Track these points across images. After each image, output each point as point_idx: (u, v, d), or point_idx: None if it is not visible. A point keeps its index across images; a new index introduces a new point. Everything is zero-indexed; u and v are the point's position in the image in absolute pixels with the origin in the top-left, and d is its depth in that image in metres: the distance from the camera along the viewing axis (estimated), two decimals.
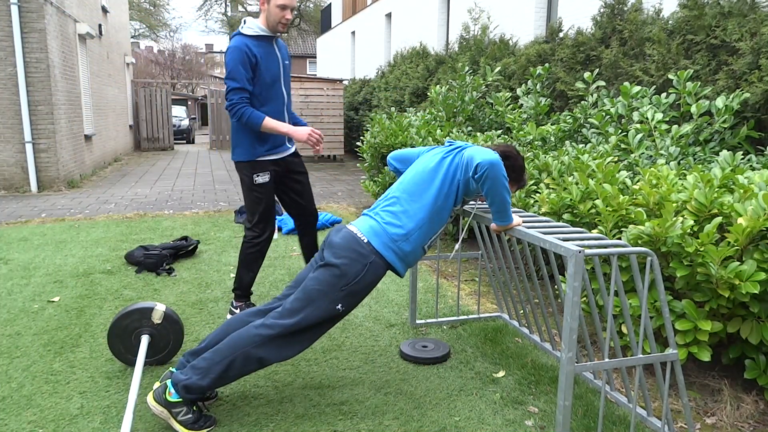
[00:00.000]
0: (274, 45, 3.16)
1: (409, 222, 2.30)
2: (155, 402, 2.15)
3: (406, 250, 2.29)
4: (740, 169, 2.63)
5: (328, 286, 2.18)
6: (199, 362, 2.16)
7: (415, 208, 2.32)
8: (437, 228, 2.37)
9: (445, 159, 2.38)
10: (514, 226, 2.38)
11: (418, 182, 2.37)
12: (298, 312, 2.18)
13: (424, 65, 9.41)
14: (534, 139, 4.63)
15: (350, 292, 2.20)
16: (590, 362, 2.04)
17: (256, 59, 3.03)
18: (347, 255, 2.19)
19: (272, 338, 2.17)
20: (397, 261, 2.29)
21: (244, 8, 26.49)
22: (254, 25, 3.07)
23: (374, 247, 2.24)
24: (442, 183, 2.33)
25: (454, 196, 2.36)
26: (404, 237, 2.28)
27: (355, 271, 2.19)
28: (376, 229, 2.29)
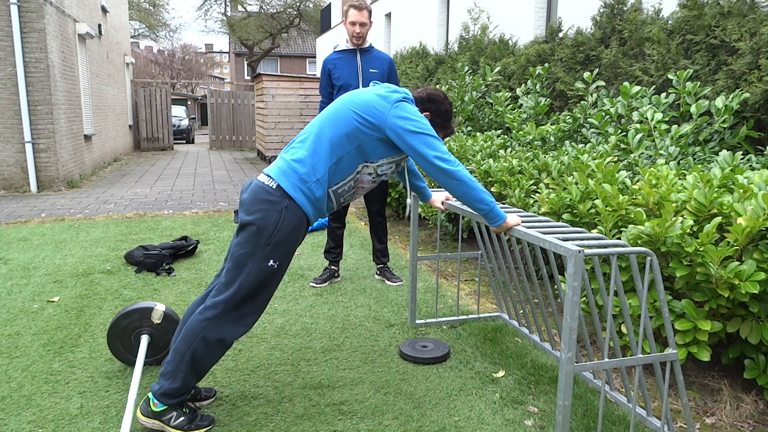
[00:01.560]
0: (356, 56, 3.86)
1: (318, 162, 2.16)
2: (144, 417, 2.14)
3: (317, 194, 2.16)
4: (740, 169, 2.63)
5: (252, 246, 2.08)
6: (165, 367, 2.13)
7: (325, 146, 2.17)
8: (345, 174, 2.21)
9: (370, 103, 2.21)
10: (514, 226, 2.37)
11: (333, 119, 2.22)
12: (233, 282, 2.09)
13: (423, 65, 9.41)
14: (534, 139, 4.63)
15: (276, 244, 2.09)
16: (590, 362, 2.04)
17: (330, 70, 3.87)
18: (259, 208, 2.09)
19: (219, 317, 2.10)
20: (307, 203, 2.15)
21: (244, 8, 26.47)
22: (342, 43, 3.90)
23: (284, 189, 2.11)
24: (360, 127, 2.19)
25: (369, 147, 2.21)
26: (314, 178, 2.14)
27: (273, 221, 2.08)
28: (284, 169, 2.16)
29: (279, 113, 11.65)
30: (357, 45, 3.84)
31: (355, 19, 3.73)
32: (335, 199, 2.26)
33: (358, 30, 3.75)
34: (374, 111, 2.20)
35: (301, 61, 36.83)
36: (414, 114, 2.22)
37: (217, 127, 17.05)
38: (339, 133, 2.19)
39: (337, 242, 4.08)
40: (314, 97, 11.76)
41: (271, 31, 26.38)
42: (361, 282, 4.10)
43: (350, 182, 2.26)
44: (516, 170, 3.89)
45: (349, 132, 2.19)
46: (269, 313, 3.46)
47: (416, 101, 2.42)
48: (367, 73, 3.86)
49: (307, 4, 25.58)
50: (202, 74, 48.01)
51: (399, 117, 2.19)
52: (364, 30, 3.80)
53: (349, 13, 3.77)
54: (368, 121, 2.19)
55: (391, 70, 3.94)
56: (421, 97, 2.43)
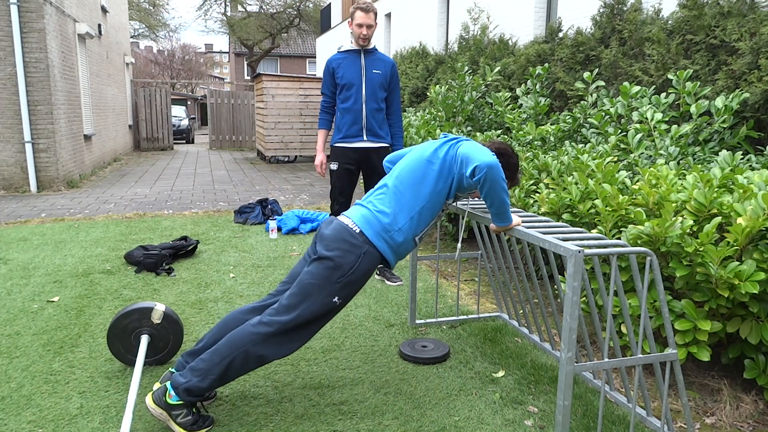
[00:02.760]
0: (360, 56, 3.89)
1: (400, 212, 2.28)
2: (154, 404, 2.15)
3: (398, 240, 2.27)
4: (740, 169, 2.63)
5: (323, 280, 2.16)
6: (198, 364, 2.15)
7: (407, 198, 2.29)
8: (428, 220, 2.34)
9: (440, 149, 2.35)
10: (514, 226, 2.38)
11: (410, 171, 2.34)
12: (294, 308, 2.16)
13: (423, 65, 9.41)
14: (533, 139, 4.63)
15: (346, 284, 2.18)
16: (590, 362, 2.04)
17: (333, 69, 3.92)
18: (340, 246, 2.17)
19: (270, 336, 2.15)
20: (389, 251, 2.27)
21: (244, 8, 26.47)
22: (347, 44, 3.93)
23: (366, 236, 2.22)
24: (437, 174, 2.30)
25: (448, 189, 2.33)
26: (396, 227, 2.26)
27: (350, 262, 2.17)
28: (368, 217, 2.26)
29: (279, 113, 11.65)
30: (362, 46, 3.88)
31: (362, 21, 3.78)
32: (418, 242, 2.39)
33: (365, 32, 3.80)
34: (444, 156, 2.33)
35: (301, 61, 36.82)
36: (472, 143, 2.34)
37: (217, 127, 17.05)
38: (417, 184, 2.31)
39: None
40: (314, 97, 11.76)
41: (271, 31, 26.38)
42: None
43: (432, 224, 2.40)
44: None
45: (427, 182, 2.31)
46: None
47: None
48: (371, 74, 3.89)
49: (307, 4, 25.57)
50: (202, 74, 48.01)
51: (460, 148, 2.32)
52: (371, 32, 3.84)
53: (356, 15, 3.79)
54: (439, 166, 2.31)
55: (393, 73, 3.97)
56: (488, 148, 2.50)
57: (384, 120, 4.03)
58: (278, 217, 5.88)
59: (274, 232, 5.42)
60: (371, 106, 3.92)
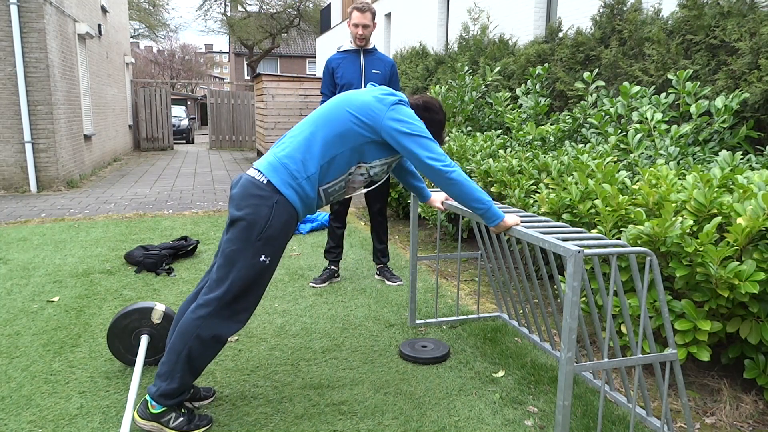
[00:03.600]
0: (359, 56, 3.90)
1: (311, 159, 2.15)
2: (142, 419, 2.14)
3: (307, 190, 2.15)
4: (739, 169, 2.63)
5: (242, 242, 2.06)
6: (161, 368, 2.12)
7: (318, 144, 2.17)
8: (337, 174, 2.22)
9: (367, 104, 2.21)
10: (513, 226, 2.37)
11: (329, 119, 2.21)
12: (224, 279, 2.08)
13: (423, 65, 9.41)
14: (533, 139, 4.63)
15: (267, 239, 2.08)
16: (589, 362, 2.04)
17: (333, 69, 3.91)
18: (249, 203, 2.07)
19: (213, 314, 2.08)
20: (298, 200, 2.15)
21: (244, 8, 26.47)
22: (346, 44, 3.93)
23: (274, 185, 2.10)
24: (358, 129, 2.19)
25: (363, 149, 2.22)
26: (305, 174, 2.14)
27: (263, 216, 2.07)
28: (274, 165, 2.14)
29: (279, 113, 11.65)
30: (360, 46, 3.89)
31: (358, 21, 3.80)
32: (324, 198, 2.26)
33: (361, 32, 3.82)
34: (370, 113, 2.20)
35: (301, 61, 36.82)
36: (409, 116, 2.23)
37: (217, 127, 17.05)
38: (333, 132, 2.19)
39: (337, 242, 4.08)
40: (314, 97, 11.76)
41: (270, 31, 26.38)
42: (360, 282, 4.10)
43: (341, 182, 2.27)
44: (516, 170, 3.89)
45: (343, 132, 2.19)
46: (269, 313, 3.46)
47: (412, 108, 2.43)
48: (370, 74, 3.90)
49: (307, 4, 25.57)
50: (202, 74, 48.01)
51: (394, 119, 2.20)
52: (367, 32, 3.84)
53: (353, 15, 3.80)
54: (364, 122, 2.20)
55: (392, 73, 3.97)
56: (417, 104, 2.45)
57: None
58: None
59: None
60: None
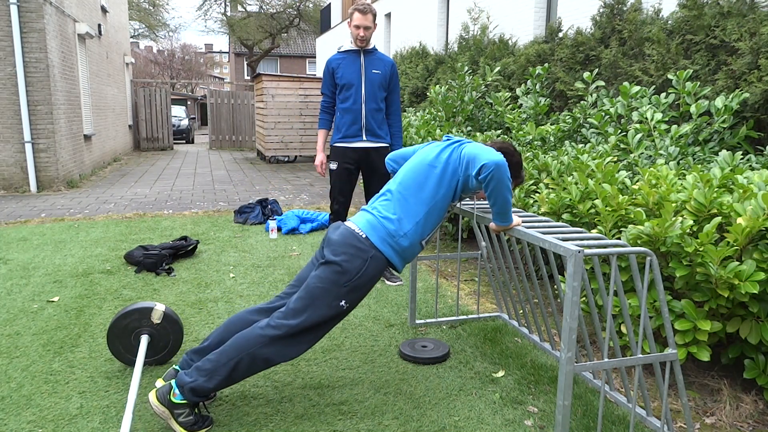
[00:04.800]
0: (360, 57, 3.91)
1: (405, 217, 2.29)
2: (158, 401, 2.14)
3: (404, 245, 2.28)
4: (739, 169, 2.63)
5: (330, 284, 2.17)
6: (205, 364, 2.15)
7: (411, 202, 2.31)
8: (434, 223, 2.36)
9: (443, 152, 2.36)
10: (514, 226, 2.38)
11: (415, 176, 2.35)
12: (302, 311, 2.17)
13: (423, 65, 9.41)
14: (533, 139, 4.63)
15: (353, 288, 2.20)
16: (589, 362, 2.04)
17: (333, 69, 3.94)
18: (346, 251, 2.19)
19: (278, 338, 2.16)
20: (395, 256, 2.28)
21: (244, 8, 26.46)
22: (347, 44, 3.95)
23: (372, 242, 2.23)
24: (440, 178, 2.31)
25: (453, 191, 2.34)
26: (401, 233, 2.27)
27: (356, 267, 2.18)
28: (373, 223, 2.28)
29: (279, 113, 11.65)
30: (361, 47, 3.90)
31: (359, 23, 3.81)
32: (425, 245, 2.39)
33: (362, 34, 3.83)
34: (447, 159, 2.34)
35: (301, 61, 36.82)
36: (476, 144, 2.35)
37: (217, 127, 17.05)
38: (422, 189, 2.32)
39: None
40: (314, 97, 11.76)
41: (270, 31, 26.37)
42: None
43: (438, 226, 2.40)
44: None
45: (431, 186, 2.32)
46: None
47: None
48: (370, 74, 3.91)
49: (307, 4, 25.57)
50: (202, 74, 48.02)
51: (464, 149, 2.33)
52: (368, 33, 3.86)
53: (354, 17, 3.81)
54: (443, 169, 2.32)
55: (393, 73, 3.97)
56: (492, 147, 2.51)
57: (383, 120, 4.03)
58: (278, 217, 5.88)
59: (274, 232, 5.42)
60: (370, 106, 3.94)
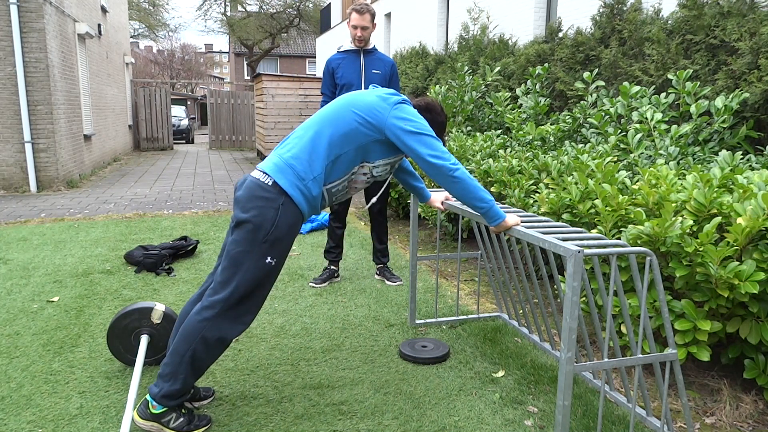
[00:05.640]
0: (359, 57, 3.91)
1: (317, 159, 2.16)
2: (142, 419, 2.13)
3: (314, 192, 2.16)
4: (739, 169, 2.63)
5: (248, 244, 2.06)
6: (164, 369, 2.11)
7: (324, 144, 2.17)
8: (341, 173, 2.23)
9: (371, 105, 2.22)
10: (513, 226, 2.37)
11: (335, 119, 2.21)
12: (230, 281, 2.07)
13: (423, 65, 9.41)
14: (533, 138, 4.63)
15: (273, 241, 2.09)
16: (589, 362, 2.04)
17: (333, 69, 3.93)
18: (255, 205, 2.07)
19: (218, 316, 2.09)
20: (304, 202, 2.15)
21: (244, 8, 26.46)
22: (347, 44, 3.94)
23: (281, 186, 2.10)
24: (363, 128, 2.20)
25: (368, 148, 2.23)
26: (312, 175, 2.15)
27: (269, 219, 2.07)
28: (279, 165, 2.14)
29: (279, 113, 11.65)
30: (360, 47, 3.90)
31: (357, 23, 3.81)
32: (327, 198, 2.27)
33: (360, 34, 3.83)
34: (374, 112, 2.22)
35: (300, 61, 36.82)
36: (413, 115, 2.25)
37: (217, 127, 17.04)
38: (338, 132, 2.20)
39: (337, 242, 4.08)
40: (314, 96, 11.76)
41: (270, 31, 26.37)
42: (360, 282, 4.10)
43: (344, 182, 2.27)
44: (516, 170, 3.89)
45: (348, 132, 2.20)
46: (269, 313, 3.46)
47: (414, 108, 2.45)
48: (370, 74, 3.91)
49: (306, 4, 25.56)
50: (201, 74, 48.00)
51: (398, 118, 2.22)
52: (366, 33, 3.86)
53: (352, 17, 3.82)
54: (368, 121, 2.21)
55: (393, 73, 3.97)
56: (419, 105, 2.48)
57: None
58: None
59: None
60: None
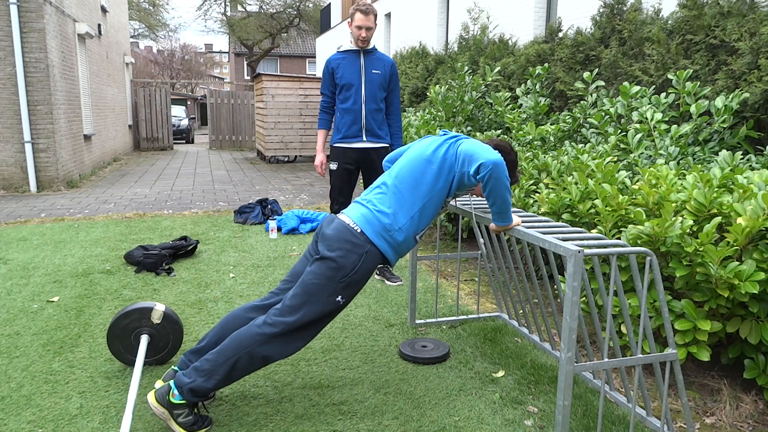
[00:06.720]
0: (359, 57, 3.91)
1: (400, 211, 2.27)
2: (157, 402, 2.14)
3: (399, 240, 2.27)
4: (739, 169, 2.63)
5: (326, 280, 2.16)
6: (203, 364, 2.14)
7: (407, 196, 2.29)
8: (429, 218, 2.34)
9: (440, 148, 2.34)
10: (514, 226, 2.38)
11: (411, 170, 2.32)
12: (299, 308, 2.16)
13: (423, 65, 9.41)
14: (533, 138, 4.63)
15: (349, 284, 2.19)
16: (589, 362, 2.04)
17: (333, 69, 3.93)
18: (341, 246, 2.17)
19: (275, 336, 2.15)
20: (390, 251, 2.26)
21: (244, 8, 26.46)
22: (346, 44, 3.94)
23: (367, 236, 2.21)
24: (437, 173, 2.29)
25: (448, 187, 2.33)
26: (396, 226, 2.25)
27: (352, 262, 2.17)
28: (368, 217, 2.26)
29: (279, 113, 11.65)
30: (362, 47, 3.90)
31: (361, 24, 3.80)
32: (418, 239, 2.39)
33: (364, 34, 3.83)
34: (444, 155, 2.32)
35: (300, 61, 36.82)
36: (473, 141, 2.34)
37: (217, 127, 17.05)
38: (418, 184, 2.30)
39: None
40: (314, 96, 11.76)
41: (270, 31, 26.37)
42: None
43: (432, 222, 2.39)
44: None
45: (427, 181, 2.30)
46: None
47: None
48: (370, 74, 3.91)
49: (306, 4, 25.56)
50: (201, 74, 48.01)
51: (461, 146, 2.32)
52: (369, 34, 3.86)
53: (356, 17, 3.80)
54: (440, 165, 2.30)
55: (393, 73, 3.97)
56: (488, 144, 2.50)
57: (383, 120, 4.04)
58: (278, 217, 5.88)
59: (274, 232, 5.42)
60: (370, 106, 3.94)
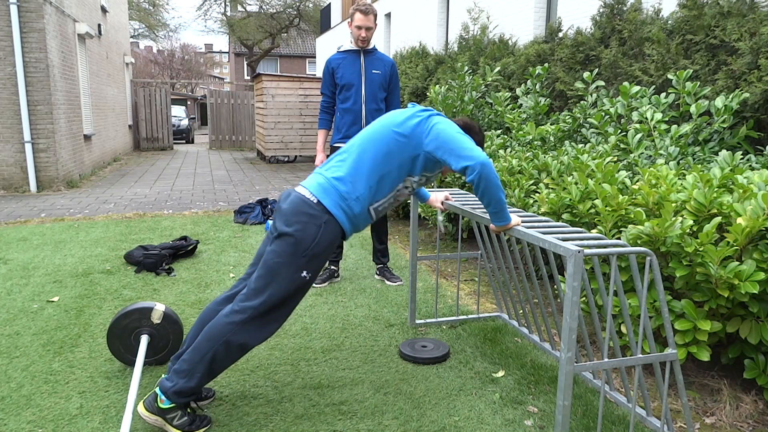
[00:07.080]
0: (359, 57, 3.90)
1: (359, 179, 2.20)
2: (148, 412, 2.14)
3: (356, 211, 2.20)
4: (739, 169, 2.63)
5: (287, 257, 2.10)
6: (181, 365, 2.12)
7: (366, 165, 2.22)
8: (386, 191, 2.27)
9: (410, 120, 2.26)
10: (514, 226, 2.37)
11: (376, 139, 2.25)
12: (264, 290, 2.11)
13: (423, 65, 9.41)
14: (533, 139, 4.63)
15: (312, 257, 2.13)
16: (589, 362, 2.04)
17: (333, 69, 3.93)
18: (299, 220, 2.11)
19: (246, 322, 2.11)
20: (347, 222, 2.20)
21: (244, 8, 26.47)
22: (346, 44, 3.93)
23: (324, 206, 2.16)
24: (403, 144, 2.23)
25: (411, 163, 2.25)
26: (354, 195, 2.19)
27: (311, 235, 2.11)
28: (324, 186, 2.20)
29: (279, 113, 11.65)
30: (362, 47, 3.90)
31: (361, 24, 3.81)
32: (374, 215, 2.32)
33: (363, 34, 3.83)
34: (413, 129, 2.25)
35: (300, 61, 36.82)
36: (447, 124, 2.27)
37: (217, 127, 17.05)
38: (380, 153, 2.24)
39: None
40: (314, 96, 11.76)
41: (270, 31, 26.37)
42: (360, 282, 4.10)
43: (390, 199, 2.32)
44: (516, 170, 3.89)
45: (390, 151, 2.24)
46: None
47: None
48: (370, 74, 3.91)
49: (306, 4, 25.56)
50: (201, 74, 48.01)
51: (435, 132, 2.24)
52: (370, 34, 3.86)
53: (355, 17, 3.80)
54: (407, 139, 2.24)
55: (393, 73, 3.97)
56: (457, 124, 2.48)
57: None
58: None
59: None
60: (371, 106, 3.94)
